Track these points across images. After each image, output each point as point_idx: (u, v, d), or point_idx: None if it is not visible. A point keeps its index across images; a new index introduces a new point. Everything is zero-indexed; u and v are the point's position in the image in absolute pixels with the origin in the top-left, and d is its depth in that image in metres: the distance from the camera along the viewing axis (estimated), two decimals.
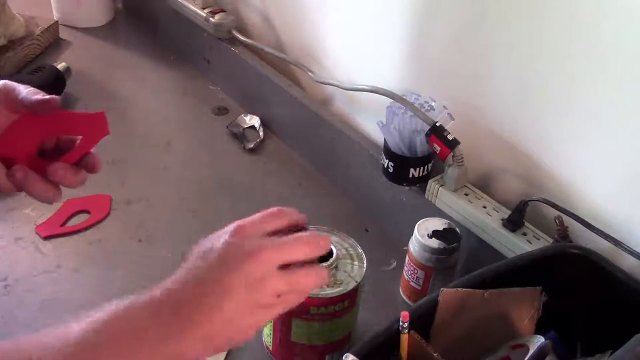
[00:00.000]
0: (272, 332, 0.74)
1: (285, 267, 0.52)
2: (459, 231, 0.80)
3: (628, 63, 0.65)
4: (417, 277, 0.81)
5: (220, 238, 0.53)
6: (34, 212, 0.94)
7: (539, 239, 0.76)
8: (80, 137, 0.61)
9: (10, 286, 0.83)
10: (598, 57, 0.67)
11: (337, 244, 0.73)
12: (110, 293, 0.84)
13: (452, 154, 0.79)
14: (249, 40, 1.16)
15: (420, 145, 0.84)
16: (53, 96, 0.59)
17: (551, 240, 0.75)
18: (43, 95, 0.58)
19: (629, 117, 0.67)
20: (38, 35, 1.29)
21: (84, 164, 0.61)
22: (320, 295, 0.68)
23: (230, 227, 0.54)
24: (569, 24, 0.69)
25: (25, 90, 0.58)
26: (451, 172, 0.82)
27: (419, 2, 0.86)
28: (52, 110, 0.58)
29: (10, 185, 0.58)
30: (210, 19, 1.19)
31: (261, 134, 1.14)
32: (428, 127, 0.80)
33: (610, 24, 0.65)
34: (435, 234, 0.79)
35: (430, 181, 0.85)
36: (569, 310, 0.66)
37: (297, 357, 0.74)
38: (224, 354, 0.76)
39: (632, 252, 0.66)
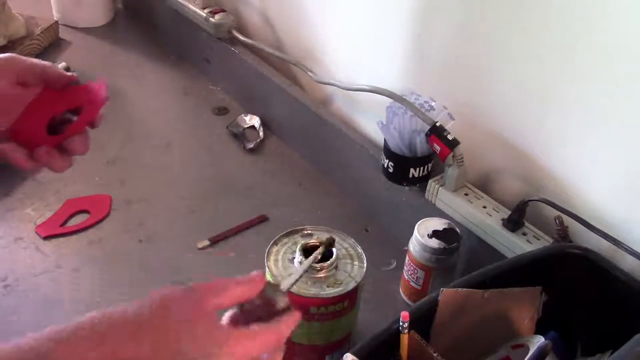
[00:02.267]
0: None
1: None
2: (459, 231, 0.80)
3: (628, 63, 0.65)
4: (417, 277, 0.81)
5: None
6: (34, 212, 0.94)
7: (539, 239, 0.76)
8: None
9: (10, 286, 0.83)
10: (597, 57, 0.67)
11: (337, 244, 0.73)
12: (110, 293, 0.85)
13: (452, 154, 0.79)
14: (249, 40, 1.16)
15: (420, 145, 0.84)
16: (73, 73, 0.63)
17: (551, 240, 0.75)
18: (62, 70, 0.62)
19: (629, 117, 0.67)
20: (38, 35, 1.29)
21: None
22: (320, 295, 0.68)
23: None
24: (570, 25, 0.69)
25: (46, 63, 0.60)
26: (451, 172, 0.82)
27: (420, 2, 0.86)
28: (70, 85, 0.62)
29: (33, 164, 0.59)
30: (210, 19, 1.19)
31: (261, 134, 1.14)
32: (428, 127, 0.80)
33: (611, 25, 0.65)
34: (435, 234, 0.79)
35: (430, 181, 0.85)
36: (569, 310, 0.66)
37: (297, 357, 0.74)
38: None
39: (632, 252, 0.66)
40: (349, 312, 0.72)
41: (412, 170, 0.86)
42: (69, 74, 0.62)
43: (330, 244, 0.55)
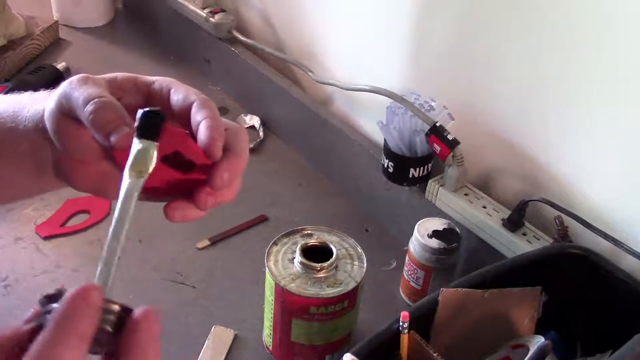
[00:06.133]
0: (272, 332, 0.74)
1: None
2: (459, 231, 0.80)
3: (627, 63, 0.65)
4: (417, 277, 0.81)
5: None
6: (34, 212, 0.94)
7: (539, 239, 0.76)
8: None
9: (10, 286, 0.83)
10: (597, 57, 0.67)
11: (337, 244, 0.73)
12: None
13: (452, 154, 0.79)
14: (249, 40, 1.16)
15: (420, 145, 0.84)
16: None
17: (551, 240, 0.75)
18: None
19: (629, 117, 0.67)
20: (38, 35, 1.29)
21: None
22: (320, 295, 0.68)
23: None
24: (569, 25, 0.69)
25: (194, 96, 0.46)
26: (451, 172, 0.82)
27: (420, 3, 0.86)
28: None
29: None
30: (210, 19, 1.19)
31: (261, 134, 1.14)
32: (428, 127, 0.80)
33: (611, 25, 0.65)
34: (435, 234, 0.79)
35: (430, 181, 0.85)
36: (569, 310, 0.66)
37: (297, 357, 0.74)
38: (224, 354, 0.76)
39: (632, 252, 0.66)
40: (349, 312, 0.72)
41: (412, 170, 0.85)
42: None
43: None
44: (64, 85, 0.44)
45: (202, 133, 0.43)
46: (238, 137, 0.46)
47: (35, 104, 0.47)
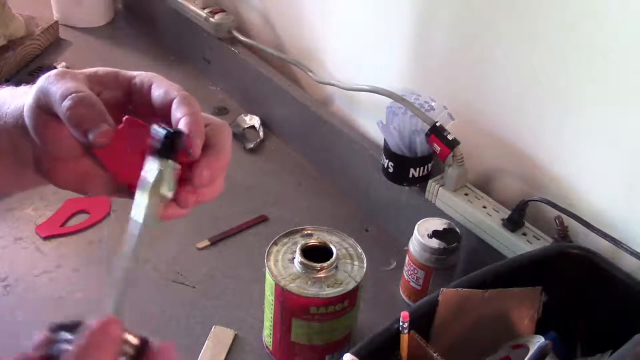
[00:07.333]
0: (272, 332, 0.74)
1: None
2: (459, 231, 0.80)
3: (628, 64, 0.65)
4: (417, 277, 0.81)
5: None
6: (34, 212, 0.94)
7: (539, 239, 0.76)
8: None
9: (10, 286, 0.83)
10: (597, 58, 0.67)
11: (337, 244, 0.73)
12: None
13: (452, 154, 0.79)
14: (249, 40, 1.16)
15: (420, 145, 0.84)
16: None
17: (551, 240, 0.75)
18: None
19: (629, 117, 0.67)
20: (38, 35, 1.29)
21: None
22: (320, 295, 0.68)
23: None
24: (570, 24, 0.69)
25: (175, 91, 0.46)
26: (451, 172, 0.82)
27: (420, 3, 0.86)
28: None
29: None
30: (210, 19, 1.19)
31: (261, 134, 1.14)
32: (428, 127, 0.80)
33: (611, 25, 0.65)
34: (435, 234, 0.79)
35: (430, 181, 0.85)
36: (569, 310, 0.66)
37: (297, 357, 0.74)
38: (224, 354, 0.76)
39: (632, 252, 0.66)
40: (349, 312, 0.72)
41: (412, 170, 0.86)
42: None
43: None
44: (41, 80, 0.43)
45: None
46: (219, 133, 0.45)
47: (16, 100, 0.46)
